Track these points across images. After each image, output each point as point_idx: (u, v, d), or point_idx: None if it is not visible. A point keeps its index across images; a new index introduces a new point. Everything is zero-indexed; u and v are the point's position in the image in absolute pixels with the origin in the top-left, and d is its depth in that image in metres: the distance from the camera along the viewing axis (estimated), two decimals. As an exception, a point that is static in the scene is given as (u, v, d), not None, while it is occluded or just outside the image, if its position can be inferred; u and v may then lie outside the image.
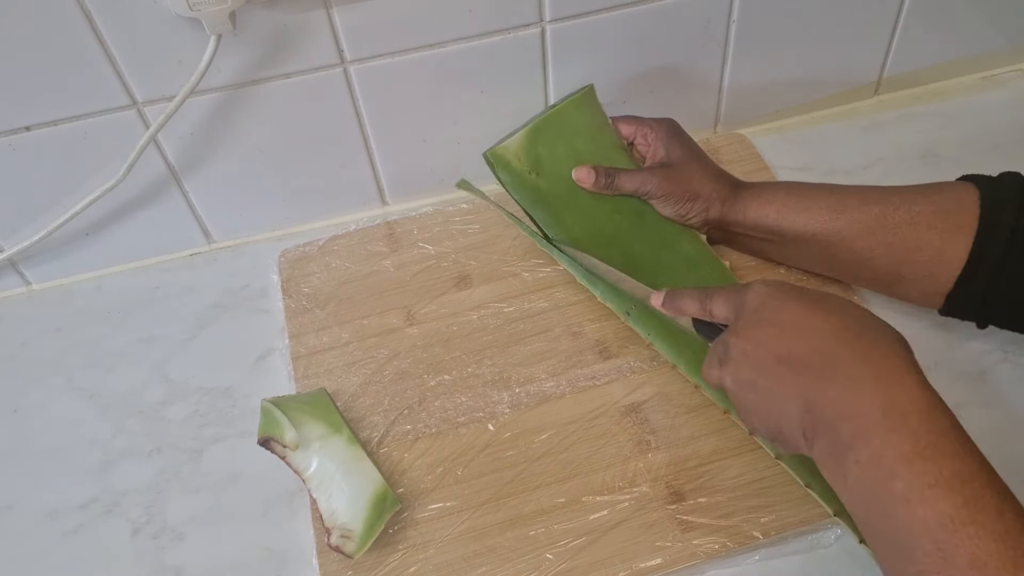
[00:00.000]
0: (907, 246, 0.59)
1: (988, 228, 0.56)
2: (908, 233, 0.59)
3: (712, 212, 0.66)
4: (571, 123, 0.71)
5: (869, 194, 0.62)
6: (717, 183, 0.67)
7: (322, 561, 0.58)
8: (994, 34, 0.84)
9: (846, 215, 0.61)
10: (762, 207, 0.65)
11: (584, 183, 0.68)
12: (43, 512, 0.63)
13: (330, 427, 0.59)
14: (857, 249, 0.61)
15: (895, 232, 0.59)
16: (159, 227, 0.76)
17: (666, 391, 0.64)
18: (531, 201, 0.68)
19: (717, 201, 0.66)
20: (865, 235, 0.60)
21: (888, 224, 0.59)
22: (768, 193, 0.65)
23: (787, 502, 0.57)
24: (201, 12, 0.60)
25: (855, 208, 0.61)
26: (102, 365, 0.72)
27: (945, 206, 0.58)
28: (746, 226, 0.66)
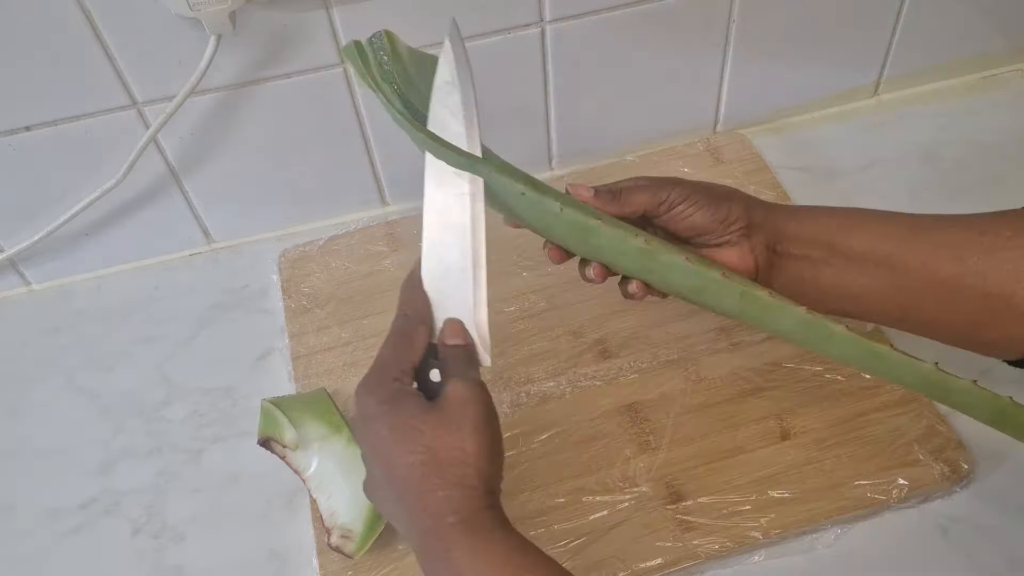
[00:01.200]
0: (1005, 276, 0.48)
1: None
2: (1005, 260, 0.48)
3: (757, 214, 0.53)
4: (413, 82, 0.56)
5: (944, 217, 0.51)
6: (741, 191, 0.55)
7: (322, 561, 0.58)
8: (994, 34, 0.84)
9: (924, 235, 0.50)
10: (820, 218, 0.53)
11: (585, 197, 0.52)
12: (43, 512, 0.63)
13: (330, 427, 0.59)
14: (943, 279, 0.49)
15: (989, 259, 0.49)
16: (159, 227, 0.76)
17: (666, 391, 0.64)
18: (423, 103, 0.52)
19: (756, 202, 0.54)
20: (952, 261, 0.49)
21: (978, 249, 0.49)
22: (827, 208, 0.54)
23: (787, 502, 0.57)
24: (201, 12, 0.60)
25: (934, 228, 0.51)
26: (102, 365, 0.72)
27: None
28: (803, 242, 0.52)
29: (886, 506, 0.57)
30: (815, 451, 0.60)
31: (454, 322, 0.48)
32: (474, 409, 0.45)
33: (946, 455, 0.58)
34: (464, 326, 0.48)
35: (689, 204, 0.52)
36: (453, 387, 0.45)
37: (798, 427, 0.61)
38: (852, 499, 0.57)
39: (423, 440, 0.44)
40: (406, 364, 0.47)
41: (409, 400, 0.45)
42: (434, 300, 0.48)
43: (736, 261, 0.52)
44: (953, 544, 0.56)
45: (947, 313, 0.51)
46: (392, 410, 0.45)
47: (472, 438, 0.44)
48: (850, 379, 0.63)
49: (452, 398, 0.45)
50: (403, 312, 0.48)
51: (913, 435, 0.60)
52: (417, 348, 0.47)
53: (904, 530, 0.57)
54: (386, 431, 0.45)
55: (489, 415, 0.45)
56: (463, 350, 0.47)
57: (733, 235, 0.52)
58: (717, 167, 0.80)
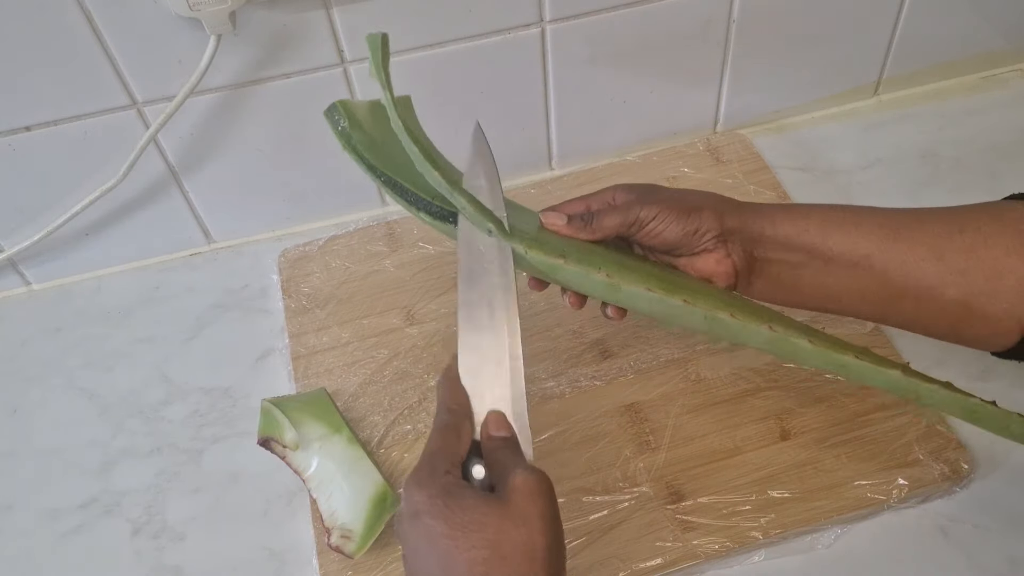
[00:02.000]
0: (986, 274, 0.49)
1: None
2: (985, 257, 0.49)
3: (730, 220, 0.52)
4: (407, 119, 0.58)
5: (923, 213, 0.52)
6: (713, 194, 0.55)
7: (322, 561, 0.58)
8: (994, 34, 0.84)
9: (905, 234, 0.50)
10: (797, 221, 0.52)
11: (558, 227, 0.53)
12: (43, 512, 0.63)
13: (330, 427, 0.59)
14: (923, 276, 0.50)
15: (968, 256, 0.49)
16: (159, 227, 0.76)
17: (666, 391, 0.64)
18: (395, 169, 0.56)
19: (728, 207, 0.53)
20: (932, 260, 0.49)
21: (958, 246, 0.49)
22: (803, 208, 0.54)
23: (787, 502, 0.57)
24: (201, 12, 0.60)
25: (914, 227, 0.51)
26: (102, 365, 0.72)
27: (1019, 226, 0.49)
28: (780, 244, 0.52)
29: (886, 506, 0.57)
30: (815, 451, 0.60)
31: (497, 414, 0.47)
32: (543, 502, 0.42)
33: (946, 455, 0.58)
34: (507, 418, 0.47)
35: (659, 222, 0.52)
36: (518, 478, 0.43)
37: (798, 427, 0.61)
38: (852, 499, 0.57)
39: (485, 535, 0.41)
40: (455, 457, 0.45)
41: (466, 492, 0.43)
42: (472, 394, 0.48)
43: (714, 268, 0.52)
44: (953, 544, 0.56)
45: (928, 311, 0.51)
46: (448, 504, 0.42)
47: (541, 533, 0.41)
48: (850, 379, 0.63)
49: (519, 489, 0.42)
50: (447, 407, 0.47)
51: (913, 435, 0.60)
52: (464, 441, 0.46)
53: (904, 530, 0.57)
54: (442, 526, 0.42)
55: (555, 509, 0.43)
56: (508, 442, 0.46)
57: (708, 244, 0.52)
58: (717, 167, 0.80)
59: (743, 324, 0.49)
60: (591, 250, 0.52)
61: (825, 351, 0.48)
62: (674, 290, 0.49)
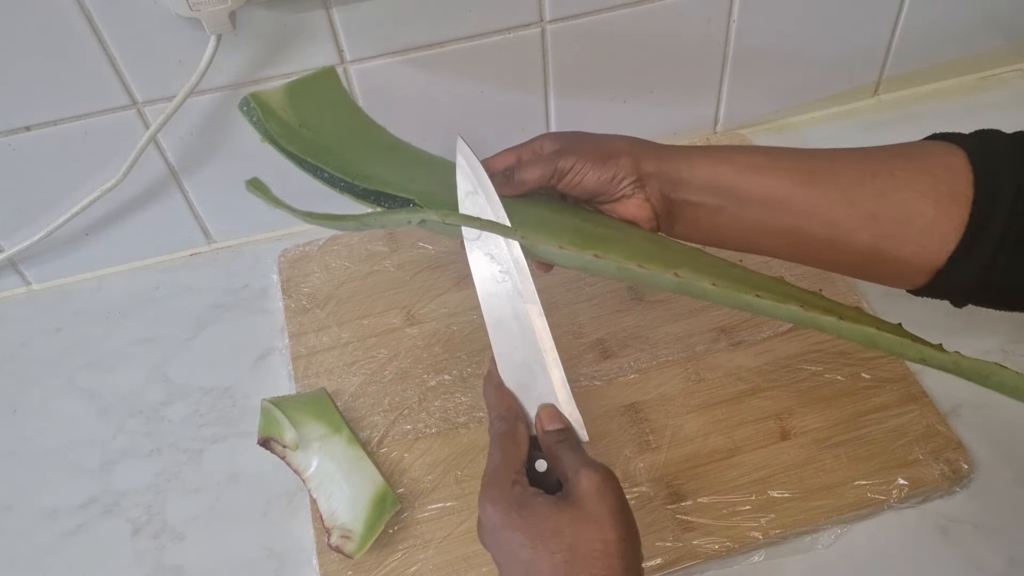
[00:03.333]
0: (895, 217, 0.50)
1: (986, 196, 0.48)
2: (895, 202, 0.50)
3: (647, 165, 0.53)
4: (325, 93, 0.62)
5: (839, 155, 0.53)
6: (633, 139, 0.55)
7: (322, 561, 0.58)
8: (994, 34, 0.84)
9: (819, 178, 0.51)
10: (716, 164, 0.53)
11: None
12: (43, 512, 0.63)
13: (330, 427, 0.59)
14: (835, 221, 0.51)
15: (879, 201, 0.50)
16: (159, 227, 0.76)
17: (666, 391, 0.64)
18: (315, 152, 0.56)
19: (646, 152, 0.53)
20: (844, 204, 0.50)
21: (869, 191, 0.50)
22: (724, 152, 0.54)
23: (787, 502, 0.57)
24: (201, 12, 0.60)
25: (828, 171, 0.51)
26: (102, 365, 0.72)
27: (933, 170, 0.50)
28: (697, 188, 0.53)
29: (886, 506, 0.57)
30: (815, 451, 0.60)
31: (549, 407, 0.48)
32: (610, 498, 0.43)
33: (946, 455, 0.58)
34: (558, 409, 0.48)
35: (576, 172, 0.53)
36: (584, 478, 0.44)
37: (798, 427, 0.61)
38: (852, 499, 0.57)
39: (562, 540, 0.42)
40: (518, 464, 0.46)
41: (536, 502, 0.44)
42: (518, 394, 0.49)
43: (635, 212, 0.53)
44: (953, 544, 0.56)
45: (841, 252, 0.52)
46: (523, 516, 0.44)
47: (612, 529, 0.43)
48: (850, 379, 0.63)
49: (585, 490, 0.44)
50: (497, 415, 0.48)
51: (913, 435, 0.60)
52: (523, 445, 0.47)
53: (904, 530, 0.57)
54: (521, 537, 0.43)
55: (623, 501, 0.44)
56: (564, 433, 0.47)
57: (626, 190, 0.53)
58: (717, 167, 0.80)
59: (651, 272, 0.49)
60: (513, 208, 0.52)
61: (729, 292, 0.48)
62: (586, 244, 0.49)
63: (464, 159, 0.52)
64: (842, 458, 0.59)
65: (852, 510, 0.57)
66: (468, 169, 0.52)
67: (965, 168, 0.50)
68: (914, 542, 0.56)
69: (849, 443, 0.60)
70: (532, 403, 0.49)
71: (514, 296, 0.49)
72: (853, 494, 0.57)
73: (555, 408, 0.48)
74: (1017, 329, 0.65)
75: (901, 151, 0.52)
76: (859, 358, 0.64)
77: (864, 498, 0.57)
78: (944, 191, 0.49)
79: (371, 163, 0.57)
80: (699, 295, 0.49)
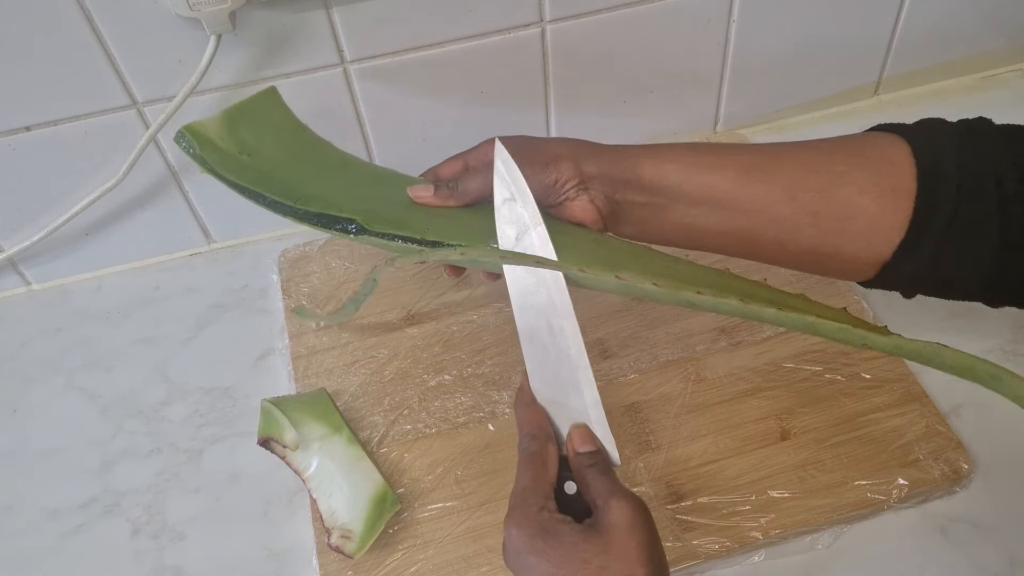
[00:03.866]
0: (837, 214, 0.50)
1: (930, 189, 0.48)
2: (836, 198, 0.50)
3: (588, 167, 0.53)
4: (266, 114, 0.62)
5: (782, 152, 0.52)
6: (574, 140, 0.55)
7: (322, 561, 0.58)
8: (994, 34, 0.84)
9: (761, 176, 0.51)
10: (660, 164, 0.52)
11: (426, 200, 0.55)
12: (43, 512, 0.63)
13: (330, 427, 0.59)
14: (778, 218, 0.51)
15: (820, 197, 0.50)
16: (159, 227, 0.76)
17: (666, 391, 0.64)
18: (255, 178, 0.57)
19: (587, 154, 0.53)
20: (786, 201, 0.50)
21: (811, 188, 0.50)
22: (666, 151, 0.53)
23: (787, 502, 0.57)
24: (201, 12, 0.60)
25: (771, 168, 0.51)
26: (102, 365, 0.72)
27: (876, 165, 0.50)
28: (640, 188, 0.53)
29: (886, 506, 0.57)
30: (815, 451, 0.60)
31: (581, 428, 0.47)
32: (640, 532, 0.42)
33: (946, 455, 0.58)
34: (590, 430, 0.47)
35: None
36: (615, 509, 0.43)
37: (798, 427, 0.61)
38: (852, 499, 0.57)
39: (588, 571, 0.41)
40: (546, 488, 0.45)
41: (564, 529, 0.43)
42: (550, 411, 0.48)
43: (581, 215, 0.53)
44: (953, 544, 0.56)
45: (787, 249, 0.52)
46: (549, 544, 0.42)
47: (641, 564, 0.41)
48: (850, 379, 0.63)
49: (615, 521, 0.42)
50: (527, 433, 0.47)
51: (913, 435, 0.60)
52: (552, 468, 0.46)
53: (904, 530, 0.57)
54: (546, 565, 0.42)
55: (654, 534, 0.43)
56: (596, 456, 0.46)
57: (570, 193, 0.53)
58: (717, 167, 0.80)
59: (594, 276, 0.49)
60: (457, 221, 0.53)
61: (670, 291, 0.48)
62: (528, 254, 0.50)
63: (502, 164, 0.51)
64: (842, 458, 0.59)
65: (852, 510, 0.57)
66: (506, 174, 0.51)
67: (908, 161, 0.49)
68: (914, 542, 0.56)
69: (849, 443, 0.60)
70: (563, 422, 0.47)
71: (549, 310, 0.48)
72: (853, 494, 0.57)
73: (587, 429, 0.47)
74: (1018, 329, 0.65)
75: (845, 145, 0.52)
76: (859, 358, 0.64)
77: (864, 498, 0.57)
78: (887, 186, 0.49)
79: (315, 183, 0.57)
80: (641, 295, 0.50)
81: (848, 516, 0.57)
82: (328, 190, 0.57)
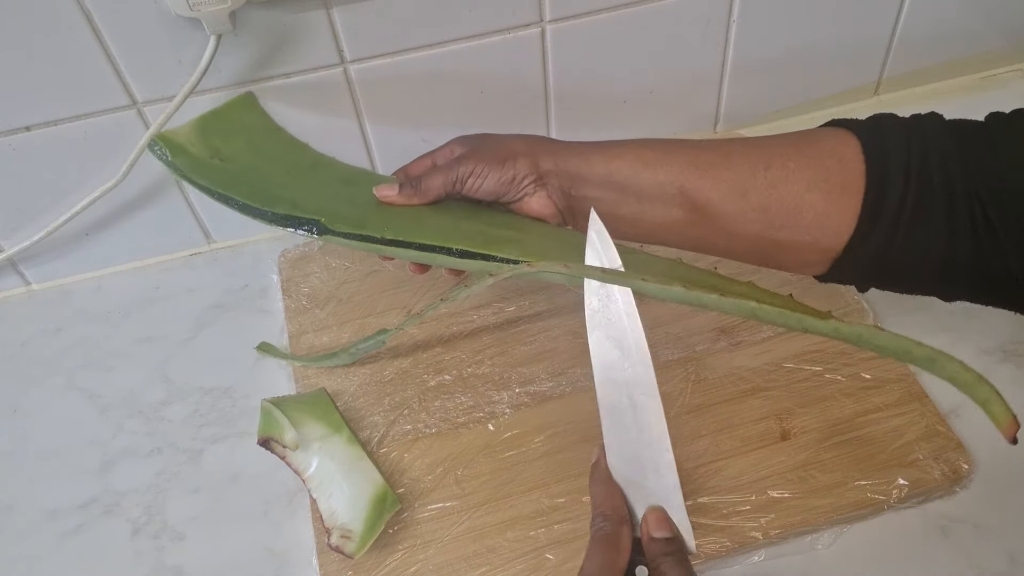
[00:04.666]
0: (786, 209, 0.51)
1: (878, 184, 0.49)
2: (785, 194, 0.50)
3: (544, 163, 0.55)
4: (240, 119, 0.65)
5: (733, 148, 0.53)
6: (532, 137, 0.57)
7: (322, 561, 0.58)
8: (994, 34, 0.84)
9: (711, 172, 0.52)
10: (611, 160, 0.54)
11: (391, 199, 0.57)
12: (43, 512, 0.63)
13: (330, 427, 0.59)
14: (728, 214, 0.52)
15: (770, 193, 0.51)
16: (159, 227, 0.76)
17: (666, 391, 0.64)
18: (225, 182, 0.59)
19: (543, 151, 0.55)
20: (736, 197, 0.51)
21: (761, 184, 0.51)
22: (616, 147, 0.55)
23: (787, 502, 0.57)
24: (201, 12, 0.60)
25: (720, 165, 0.52)
26: (102, 365, 0.72)
27: (825, 162, 0.50)
28: (594, 184, 0.54)
29: (886, 506, 0.57)
30: (815, 451, 0.60)
31: (658, 512, 0.45)
32: None
33: (946, 455, 0.58)
34: (667, 515, 0.45)
35: (476, 176, 0.55)
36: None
37: (798, 427, 0.61)
38: (852, 499, 0.57)
39: None
40: (617, 573, 0.43)
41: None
42: (625, 489, 0.46)
43: (540, 210, 0.55)
44: (953, 544, 0.56)
45: (738, 243, 0.53)
46: None
47: None
48: (850, 379, 0.63)
49: None
50: (600, 513, 0.45)
51: (913, 435, 0.60)
52: (624, 553, 0.44)
53: (904, 530, 0.57)
54: None
55: None
56: (672, 544, 0.44)
57: (528, 188, 0.55)
58: (717, 167, 0.80)
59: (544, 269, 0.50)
60: (418, 219, 0.55)
61: (618, 277, 0.49)
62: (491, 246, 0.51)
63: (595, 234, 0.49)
64: (842, 458, 0.59)
65: (852, 510, 0.57)
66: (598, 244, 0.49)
67: (858, 158, 0.50)
68: (914, 542, 0.56)
69: (849, 443, 0.60)
70: (639, 502, 0.45)
71: (633, 386, 0.46)
72: (853, 494, 0.57)
73: (665, 513, 0.44)
74: (1018, 329, 0.65)
75: (796, 142, 0.53)
76: (859, 358, 0.64)
77: (864, 498, 0.57)
78: (835, 182, 0.50)
79: (284, 186, 0.60)
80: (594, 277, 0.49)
81: (848, 516, 0.57)
82: (296, 192, 0.59)
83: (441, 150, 0.59)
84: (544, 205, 0.56)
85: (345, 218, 0.55)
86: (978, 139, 0.49)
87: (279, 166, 0.63)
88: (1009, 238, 0.47)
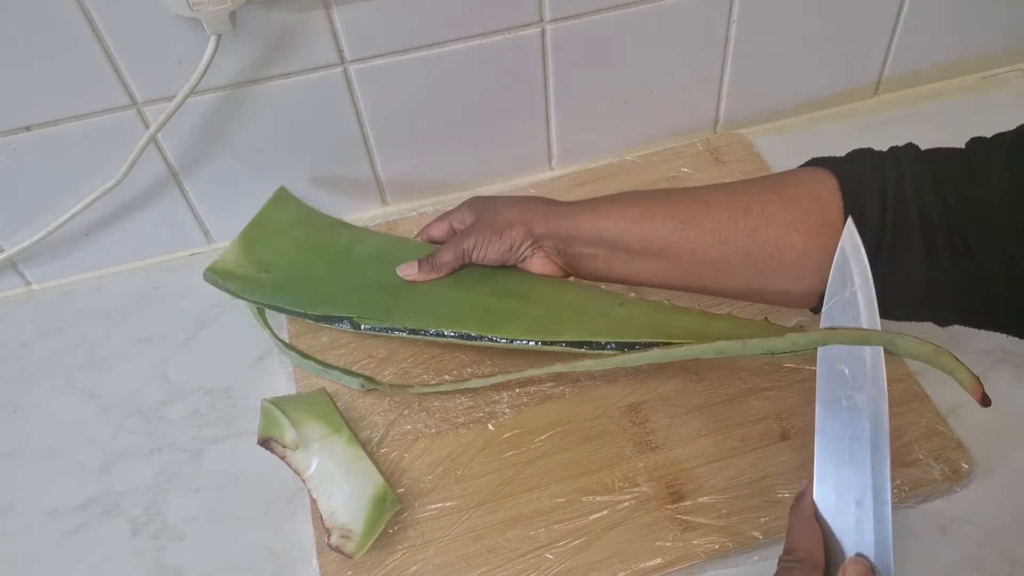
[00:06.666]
0: (768, 253, 0.53)
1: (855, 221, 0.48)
2: (766, 238, 0.53)
3: (538, 228, 0.60)
4: (277, 220, 0.71)
5: (713, 198, 0.56)
6: (526, 203, 0.62)
7: (322, 561, 0.58)
8: (994, 34, 0.84)
9: (693, 224, 0.55)
10: (597, 220, 0.58)
11: (412, 277, 0.64)
12: (43, 512, 0.63)
13: (330, 427, 0.59)
14: (713, 261, 0.55)
15: (751, 239, 0.53)
16: (159, 227, 0.76)
17: (666, 391, 0.64)
18: (272, 294, 0.66)
19: (536, 217, 0.60)
20: (719, 245, 0.54)
21: (742, 230, 0.53)
22: (603, 207, 0.58)
23: (787, 502, 0.57)
24: (201, 12, 0.60)
25: (701, 215, 0.55)
26: (102, 365, 0.72)
27: (802, 203, 0.52)
28: (585, 242, 0.59)
29: (886, 506, 0.57)
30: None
31: (861, 566, 0.41)
32: None
33: (946, 455, 0.58)
34: (873, 569, 0.41)
35: (479, 249, 0.62)
36: None
37: (798, 427, 0.61)
38: (852, 499, 0.57)
39: None
40: None
41: None
42: (826, 536, 0.43)
43: (542, 268, 0.62)
44: (953, 544, 0.56)
45: (727, 285, 0.56)
46: None
47: None
48: (850, 379, 0.63)
49: None
50: (795, 553, 0.43)
51: (913, 435, 0.60)
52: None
53: (904, 530, 0.57)
54: None
55: None
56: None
57: (527, 252, 0.61)
58: (717, 167, 0.80)
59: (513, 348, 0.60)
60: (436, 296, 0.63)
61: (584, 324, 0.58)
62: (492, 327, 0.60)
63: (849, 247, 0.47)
64: (842, 458, 0.59)
65: (852, 510, 0.57)
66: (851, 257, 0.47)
67: (835, 196, 0.52)
68: (914, 542, 0.56)
69: (849, 443, 0.60)
70: (838, 547, 0.42)
71: (858, 425, 0.44)
72: (853, 494, 0.57)
73: (869, 569, 0.41)
74: (1017, 329, 0.65)
75: (774, 185, 0.55)
76: (859, 358, 0.64)
77: (864, 498, 0.57)
78: (814, 222, 0.52)
79: (323, 282, 0.67)
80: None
81: (848, 516, 0.57)
82: (332, 288, 0.66)
83: (456, 212, 0.67)
84: (544, 264, 0.61)
85: (373, 311, 0.63)
86: (954, 166, 0.51)
87: (319, 258, 0.69)
88: (990, 261, 0.48)
